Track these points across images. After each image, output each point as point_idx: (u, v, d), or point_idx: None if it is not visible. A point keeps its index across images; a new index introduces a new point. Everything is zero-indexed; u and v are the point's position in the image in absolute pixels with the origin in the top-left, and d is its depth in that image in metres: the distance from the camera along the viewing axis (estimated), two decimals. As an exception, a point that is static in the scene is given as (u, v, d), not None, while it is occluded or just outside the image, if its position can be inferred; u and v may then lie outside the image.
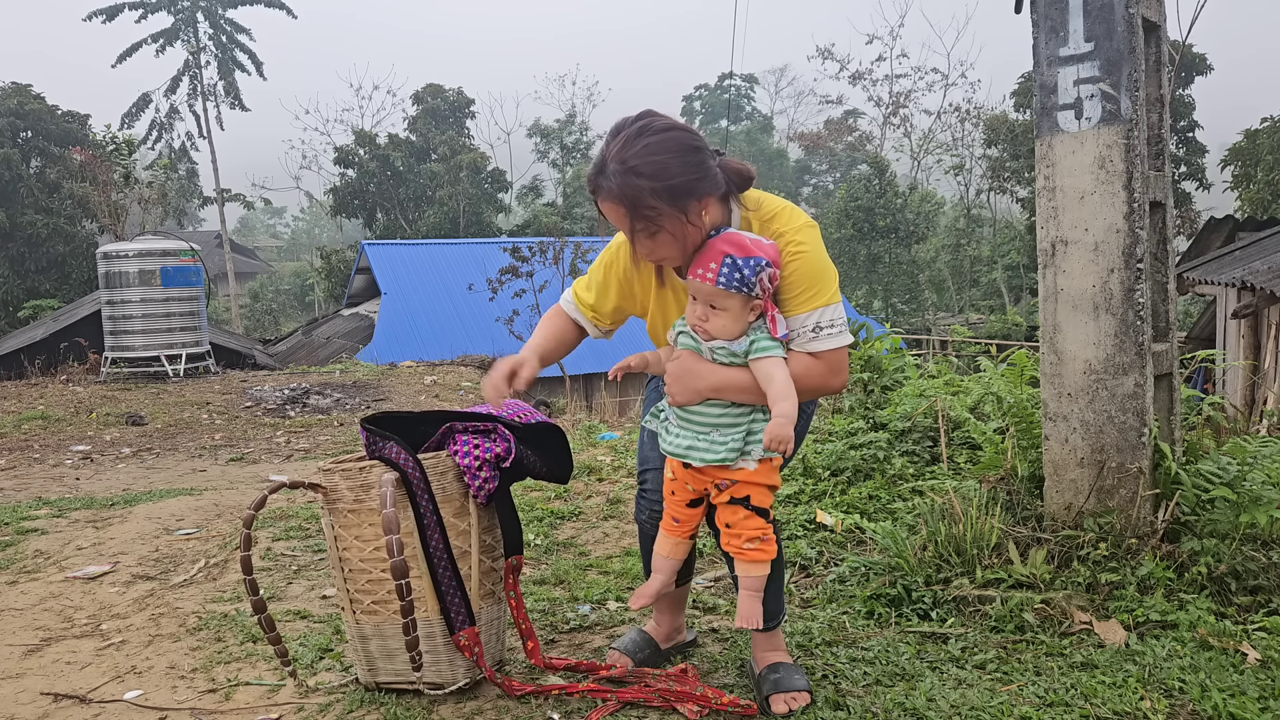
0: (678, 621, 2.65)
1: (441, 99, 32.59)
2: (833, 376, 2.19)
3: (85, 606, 3.38)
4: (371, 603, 2.41)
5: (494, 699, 2.39)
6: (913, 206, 31.69)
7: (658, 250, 2.14)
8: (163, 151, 35.04)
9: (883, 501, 3.89)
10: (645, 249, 2.15)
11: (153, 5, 33.85)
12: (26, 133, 25.91)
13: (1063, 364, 2.95)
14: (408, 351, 18.29)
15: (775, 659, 2.37)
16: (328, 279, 29.62)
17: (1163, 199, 2.98)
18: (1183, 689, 2.27)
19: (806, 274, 2.16)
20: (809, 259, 2.16)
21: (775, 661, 2.36)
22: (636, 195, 2.04)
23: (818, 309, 2.15)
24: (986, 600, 2.76)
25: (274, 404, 11.10)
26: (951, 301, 32.41)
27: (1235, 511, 2.82)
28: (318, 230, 66.33)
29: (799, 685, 2.28)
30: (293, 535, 4.21)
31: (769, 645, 2.40)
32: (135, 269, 13.31)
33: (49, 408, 10.54)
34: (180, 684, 2.64)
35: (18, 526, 4.56)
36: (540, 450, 2.58)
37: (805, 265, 2.16)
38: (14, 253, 25.00)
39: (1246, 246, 10.72)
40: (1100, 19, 2.83)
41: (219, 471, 7.05)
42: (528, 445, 2.54)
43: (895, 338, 5.37)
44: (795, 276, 2.16)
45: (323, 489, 2.42)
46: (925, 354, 19.66)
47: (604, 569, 3.48)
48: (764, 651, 2.40)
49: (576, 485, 4.79)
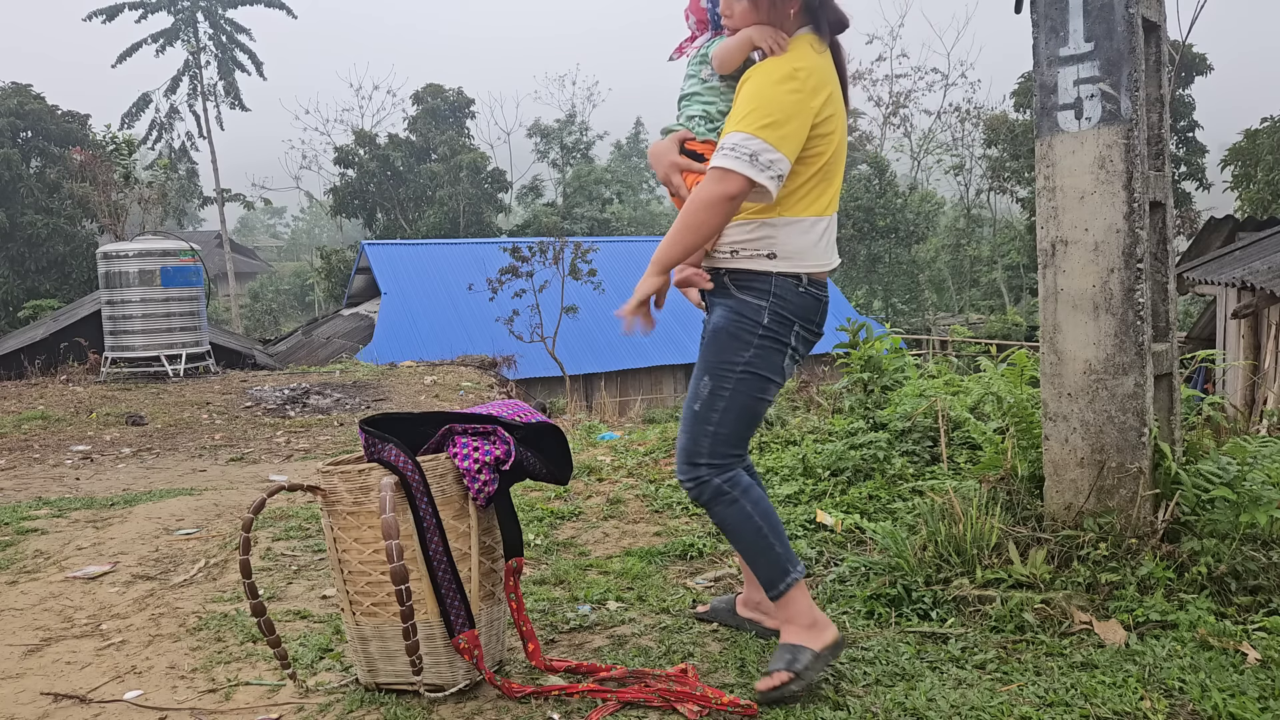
0: (754, 593, 2.72)
1: (441, 99, 32.59)
2: (704, 187, 2.26)
3: (85, 606, 3.38)
4: (371, 604, 2.41)
5: (494, 699, 2.39)
6: (913, 206, 31.70)
7: (735, 16, 2.36)
8: (163, 151, 35.03)
9: (883, 501, 3.89)
10: (726, 8, 2.37)
11: (153, 5, 33.85)
12: (26, 133, 25.92)
13: (1063, 364, 2.95)
14: (408, 351, 18.28)
15: (783, 631, 2.43)
16: (328, 279, 29.63)
17: (1163, 199, 2.98)
18: (1183, 689, 2.27)
19: (740, 99, 2.31)
20: (748, 86, 2.30)
21: (780, 637, 2.43)
22: None
23: (729, 132, 2.27)
24: (986, 600, 2.76)
25: (274, 404, 11.10)
26: (951, 301, 32.42)
27: (1235, 511, 2.82)
28: (318, 230, 66.37)
29: (775, 665, 2.33)
30: (293, 535, 4.21)
31: (781, 616, 2.45)
32: (135, 269, 13.30)
33: (49, 408, 10.54)
34: (180, 684, 2.64)
35: (18, 526, 4.56)
36: (540, 451, 2.58)
37: (744, 90, 2.31)
38: (14, 253, 25.00)
39: (1246, 246, 10.72)
40: (1100, 19, 2.83)
41: (219, 471, 7.05)
42: (527, 446, 2.54)
43: (895, 338, 5.36)
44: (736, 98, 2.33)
45: (322, 491, 2.42)
46: (925, 354, 19.67)
47: (604, 569, 3.48)
48: (778, 623, 2.49)
49: (576, 485, 4.79)
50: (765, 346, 2.37)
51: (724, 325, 2.39)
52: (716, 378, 2.38)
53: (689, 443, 2.42)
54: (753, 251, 2.37)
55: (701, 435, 2.40)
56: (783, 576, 2.41)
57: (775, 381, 2.42)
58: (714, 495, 2.40)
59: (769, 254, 2.35)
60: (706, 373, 2.41)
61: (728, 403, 2.38)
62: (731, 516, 2.41)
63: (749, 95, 2.27)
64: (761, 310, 2.36)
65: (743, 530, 2.40)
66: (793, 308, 2.37)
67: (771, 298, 2.36)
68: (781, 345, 2.39)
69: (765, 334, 2.37)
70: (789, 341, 2.40)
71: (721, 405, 2.38)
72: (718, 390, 2.38)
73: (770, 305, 2.36)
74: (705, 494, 2.41)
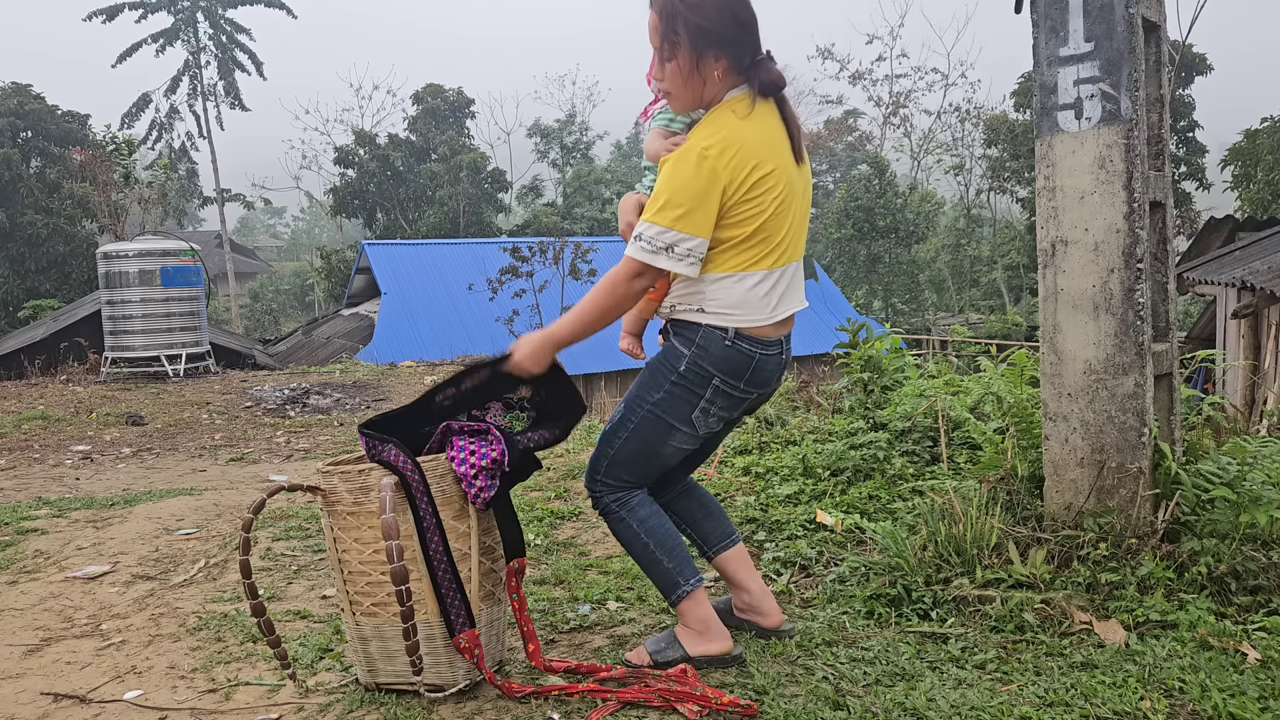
0: (741, 596, 2.73)
1: (441, 99, 32.58)
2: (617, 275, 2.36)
3: (85, 606, 3.38)
4: (371, 605, 2.41)
5: (494, 699, 2.39)
6: (913, 206, 31.69)
7: (665, 79, 2.37)
8: (163, 151, 35.04)
9: (883, 501, 3.89)
10: (657, 71, 2.38)
11: (153, 5, 33.85)
12: (26, 133, 25.91)
13: (1063, 364, 2.95)
14: (408, 351, 18.30)
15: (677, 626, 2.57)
16: (328, 279, 29.62)
17: (1163, 199, 2.98)
18: (1183, 689, 2.27)
19: (657, 185, 2.34)
20: (662, 173, 2.33)
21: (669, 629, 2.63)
22: (673, 13, 2.30)
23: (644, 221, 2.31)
24: (986, 600, 2.76)
25: (274, 404, 11.10)
26: (951, 301, 32.42)
27: (1235, 511, 2.82)
28: (318, 230, 66.38)
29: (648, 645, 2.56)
30: (293, 535, 4.21)
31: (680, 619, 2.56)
32: (135, 269, 13.31)
33: (49, 408, 10.55)
34: (180, 684, 2.64)
35: (18, 526, 4.56)
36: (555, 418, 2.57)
37: (660, 177, 2.34)
38: (14, 253, 25.00)
39: (1246, 246, 10.72)
40: (1100, 19, 2.83)
41: (219, 471, 7.05)
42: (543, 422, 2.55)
43: (895, 338, 5.37)
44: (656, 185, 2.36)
45: (322, 491, 2.42)
46: (925, 354, 19.66)
47: (604, 569, 3.48)
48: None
49: (576, 485, 4.79)
50: (674, 394, 2.42)
51: (652, 361, 2.50)
52: (628, 408, 2.49)
53: (594, 457, 2.56)
54: (685, 306, 2.43)
55: (602, 455, 2.52)
56: (673, 589, 2.53)
57: (681, 430, 2.45)
58: (605, 510, 2.54)
59: (699, 309, 2.40)
60: (625, 400, 2.53)
61: (629, 435, 2.48)
62: (620, 533, 2.55)
63: (662, 183, 2.31)
64: (681, 358, 2.41)
65: (631, 545, 2.55)
66: (714, 360, 2.38)
67: (695, 348, 2.39)
68: (693, 396, 2.41)
69: (678, 381, 2.41)
70: (703, 394, 2.41)
71: (624, 435, 2.49)
72: (625, 420, 2.49)
73: (691, 355, 2.40)
74: (599, 506, 2.56)
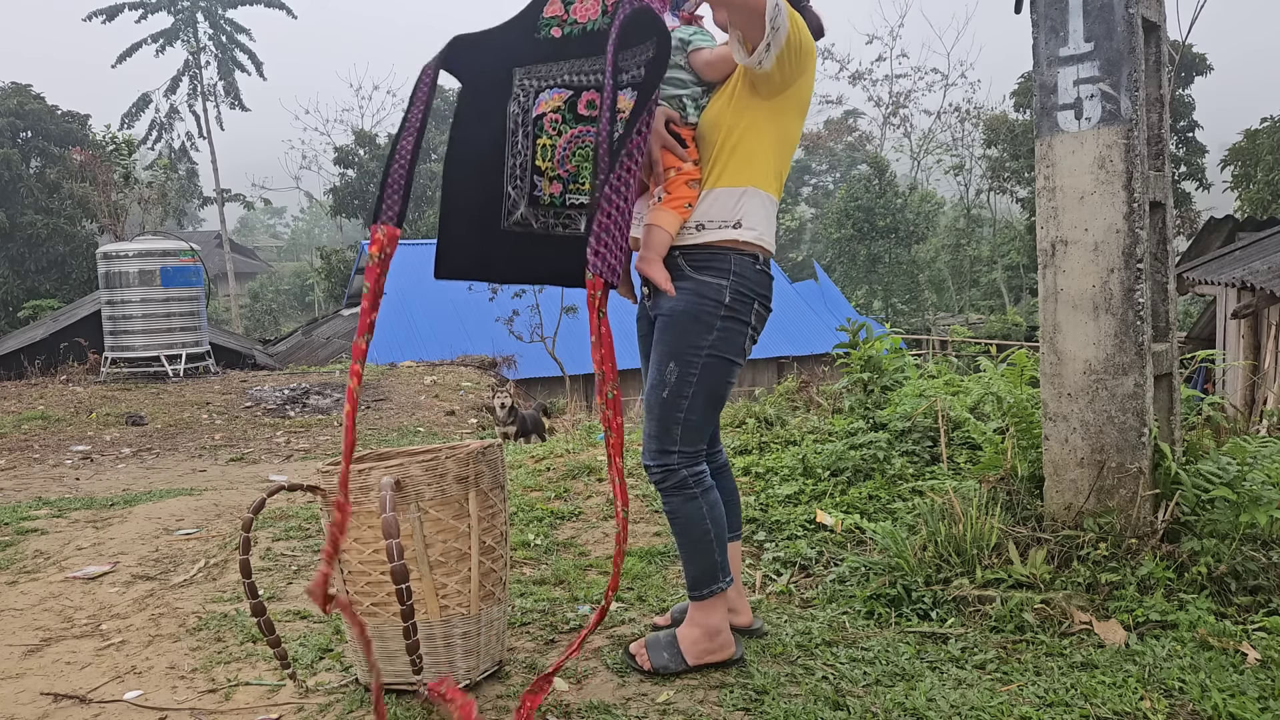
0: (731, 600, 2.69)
1: (441, 99, 32.57)
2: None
3: (85, 606, 3.38)
4: (371, 604, 2.41)
5: (493, 699, 2.39)
6: (913, 206, 31.68)
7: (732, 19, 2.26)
8: (163, 151, 35.01)
9: (883, 501, 3.89)
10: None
11: (153, 5, 33.83)
12: (26, 133, 25.89)
13: (1063, 364, 2.95)
14: (408, 351, 18.28)
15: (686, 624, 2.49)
16: (328, 279, 29.62)
17: (1163, 199, 2.98)
18: (1183, 689, 2.27)
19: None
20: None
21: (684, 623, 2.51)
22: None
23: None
24: (986, 600, 2.76)
25: (274, 404, 11.10)
26: (951, 301, 32.41)
27: (1235, 511, 2.82)
28: (318, 230, 66.32)
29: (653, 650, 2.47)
30: (292, 535, 4.21)
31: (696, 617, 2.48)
32: (135, 269, 13.30)
33: (49, 408, 10.54)
34: (180, 684, 2.64)
35: (18, 526, 4.56)
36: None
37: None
38: (14, 253, 24.98)
39: (1246, 246, 10.71)
40: (1100, 19, 2.83)
41: (219, 471, 7.05)
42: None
43: (895, 338, 5.37)
44: None
45: (322, 491, 2.42)
46: (925, 354, 19.66)
47: (604, 569, 3.48)
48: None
49: (576, 485, 4.79)
50: (728, 328, 2.37)
51: (683, 308, 2.36)
52: (683, 363, 2.36)
53: (660, 430, 2.40)
54: (720, 222, 2.36)
55: (673, 423, 2.38)
56: (712, 582, 2.45)
57: (737, 365, 2.42)
58: (680, 485, 2.41)
59: (736, 222, 2.35)
60: (671, 358, 2.37)
61: (696, 389, 2.37)
62: (686, 511, 2.42)
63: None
64: (722, 290, 2.35)
65: (692, 527, 2.42)
66: (751, 284, 2.38)
67: (732, 276, 2.36)
68: (742, 325, 2.39)
69: (728, 315, 2.36)
70: (749, 320, 2.40)
71: (689, 392, 2.37)
72: (685, 376, 2.36)
73: (731, 284, 2.35)
74: (670, 481, 2.41)
